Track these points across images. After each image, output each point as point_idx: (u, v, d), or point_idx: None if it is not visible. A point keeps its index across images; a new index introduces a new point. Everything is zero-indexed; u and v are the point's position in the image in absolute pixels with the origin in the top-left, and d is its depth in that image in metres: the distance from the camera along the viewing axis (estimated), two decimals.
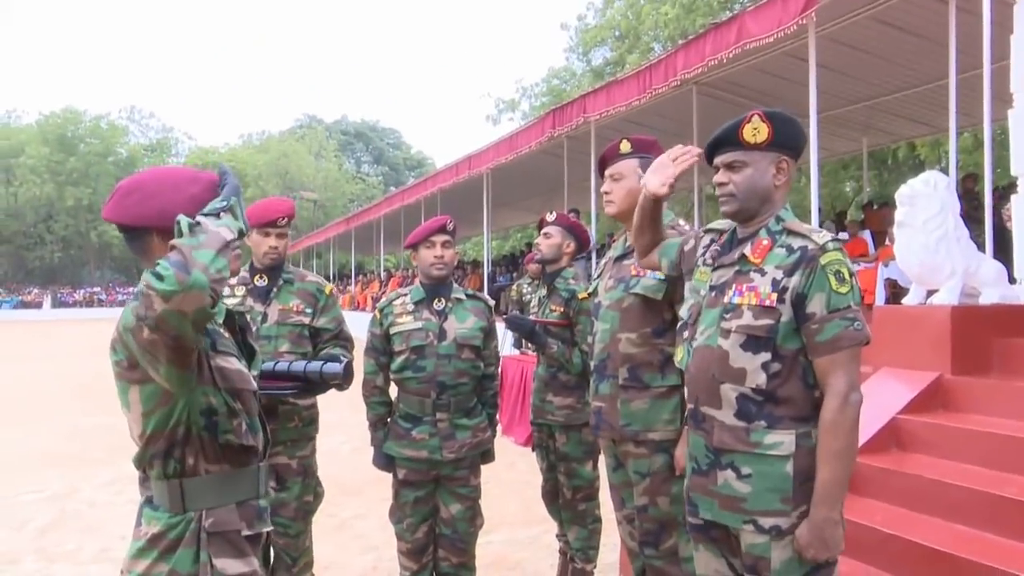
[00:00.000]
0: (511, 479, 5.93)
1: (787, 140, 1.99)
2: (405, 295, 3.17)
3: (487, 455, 3.22)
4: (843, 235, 10.20)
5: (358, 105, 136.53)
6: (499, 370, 3.30)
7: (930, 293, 4.43)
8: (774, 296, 1.89)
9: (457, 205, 17.14)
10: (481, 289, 15.35)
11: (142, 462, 1.59)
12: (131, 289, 54.71)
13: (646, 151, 2.72)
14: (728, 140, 2.01)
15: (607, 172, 2.75)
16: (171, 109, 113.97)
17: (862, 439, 3.85)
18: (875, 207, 10.81)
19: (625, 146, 2.72)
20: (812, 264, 1.87)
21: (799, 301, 1.87)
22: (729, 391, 1.93)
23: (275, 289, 3.17)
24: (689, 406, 2.06)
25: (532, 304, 3.74)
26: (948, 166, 6.42)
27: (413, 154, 69.62)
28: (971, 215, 7.45)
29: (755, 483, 1.89)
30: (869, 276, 8.59)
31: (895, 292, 7.89)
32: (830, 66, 8.46)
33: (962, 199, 7.07)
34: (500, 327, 3.55)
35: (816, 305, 1.85)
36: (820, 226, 8.93)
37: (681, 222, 2.73)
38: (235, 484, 1.60)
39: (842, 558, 3.22)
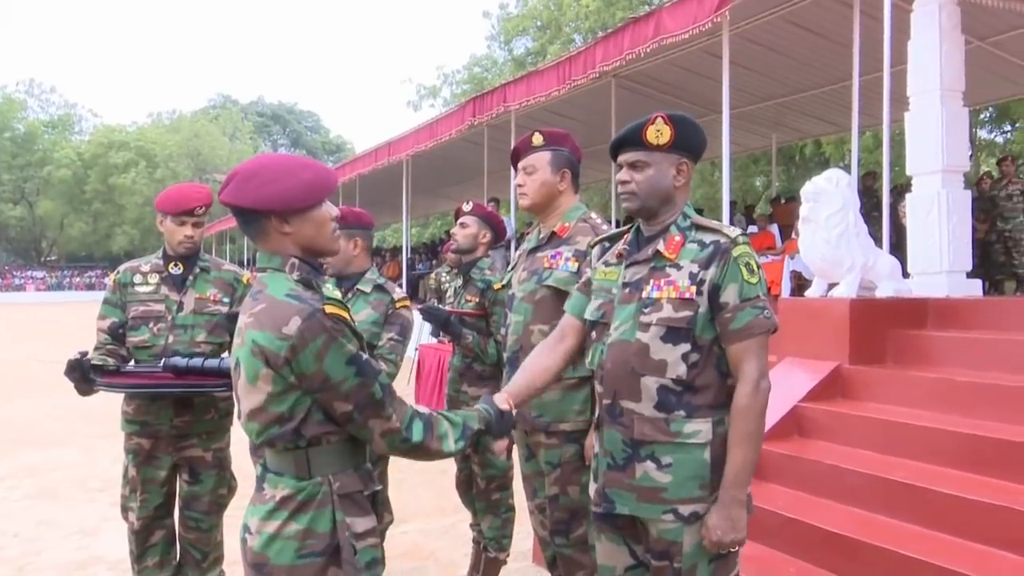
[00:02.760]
0: (425, 468, 5.89)
1: (688, 143, 2.06)
2: None
3: None
4: (752, 228, 10.55)
5: (275, 86, 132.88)
6: (398, 359, 3.15)
7: (831, 286, 4.62)
8: (693, 288, 1.95)
9: (376, 191, 16.92)
10: (400, 276, 15.22)
11: (260, 437, 1.69)
12: (31, 273, 51.30)
13: (558, 144, 2.72)
14: (631, 140, 2.06)
15: (520, 165, 2.75)
16: (74, 84, 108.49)
17: (767, 426, 4.01)
18: (783, 201, 11.22)
19: (537, 139, 2.72)
20: (726, 256, 1.95)
21: (714, 292, 1.94)
22: (650, 383, 1.97)
23: (191, 278, 3.06)
24: (605, 402, 2.07)
25: (448, 294, 3.72)
26: (851, 164, 6.70)
27: (332, 138, 68.34)
28: (870, 212, 7.83)
29: (675, 472, 1.95)
30: (776, 268, 8.91)
31: (800, 284, 8.21)
32: (743, 64, 8.72)
33: (862, 196, 7.41)
34: (417, 316, 3.51)
35: (729, 295, 1.93)
36: (731, 218, 9.22)
37: (593, 215, 2.75)
38: (353, 452, 1.73)
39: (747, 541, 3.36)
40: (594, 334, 2.14)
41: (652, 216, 2.08)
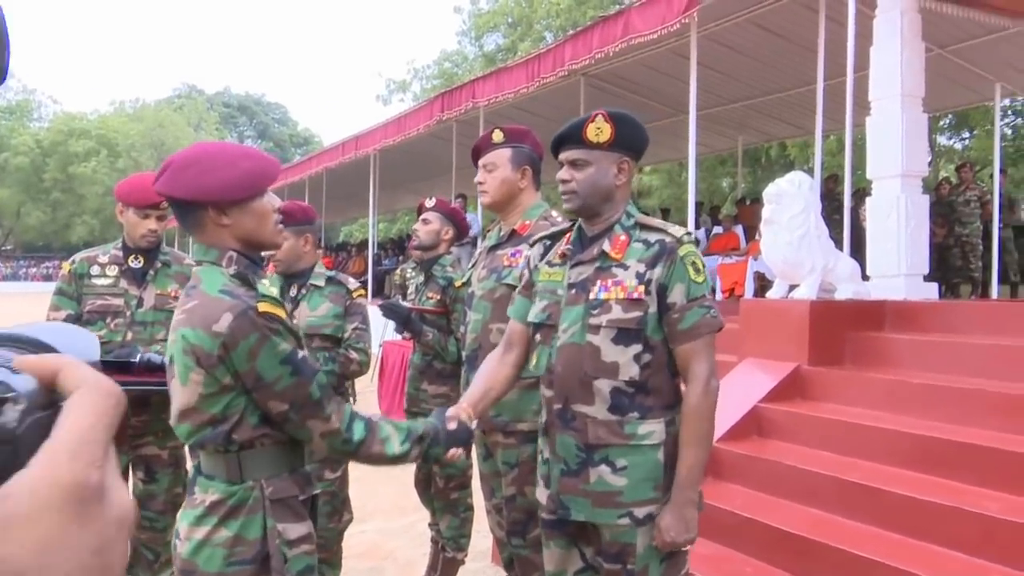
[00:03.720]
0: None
1: (629, 141, 2.03)
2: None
3: None
4: (717, 229, 10.64)
5: (242, 77, 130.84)
6: (367, 347, 3.13)
7: (792, 287, 4.66)
8: (641, 288, 1.93)
9: (343, 185, 16.76)
10: (365, 271, 15.08)
11: (191, 439, 1.64)
12: None
13: (519, 141, 2.69)
14: (572, 138, 2.02)
15: (481, 162, 2.71)
16: (34, 69, 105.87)
17: (726, 426, 4.04)
18: (747, 203, 11.32)
19: (498, 136, 2.68)
20: (672, 256, 1.93)
21: (661, 292, 1.93)
22: (603, 385, 1.94)
23: (152, 272, 2.95)
24: (556, 406, 2.04)
25: (410, 291, 3.68)
26: (815, 166, 6.79)
27: (300, 131, 67.52)
28: (832, 215, 7.93)
29: (630, 475, 1.93)
30: (740, 269, 9.00)
31: (763, 285, 8.29)
32: (710, 65, 8.75)
33: (824, 199, 7.49)
34: (376, 313, 3.47)
35: (677, 295, 1.92)
36: (697, 219, 9.28)
37: (554, 213, 2.72)
38: (288, 455, 1.68)
39: (703, 541, 3.35)
40: (539, 336, 2.10)
41: (594, 215, 2.05)
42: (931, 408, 3.65)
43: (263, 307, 1.56)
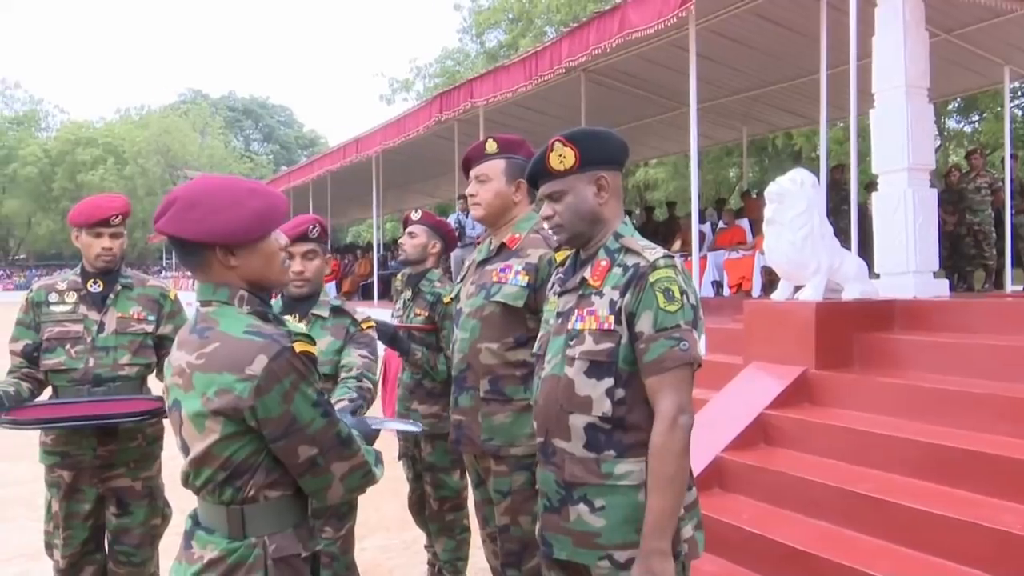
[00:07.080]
0: (390, 477, 5.71)
1: (598, 156, 1.92)
2: None
3: None
4: (721, 224, 10.47)
5: (246, 81, 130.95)
6: (376, 379, 2.96)
7: (797, 288, 4.53)
8: (611, 318, 1.82)
9: (348, 187, 16.67)
10: (371, 274, 14.98)
11: (189, 483, 1.56)
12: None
13: (513, 151, 2.57)
14: (540, 172, 1.95)
15: (473, 173, 2.60)
16: (41, 80, 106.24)
17: (732, 435, 3.92)
18: (753, 195, 11.13)
19: (491, 146, 2.57)
20: (642, 282, 1.81)
21: (630, 320, 1.82)
22: (577, 421, 1.85)
23: (112, 295, 2.88)
24: (538, 440, 1.97)
25: (398, 307, 3.57)
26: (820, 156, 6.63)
27: (305, 132, 67.54)
28: (839, 206, 7.76)
29: (609, 515, 1.82)
30: (747, 264, 8.85)
31: (771, 280, 8.13)
32: (711, 57, 8.59)
33: (831, 189, 7.33)
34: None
35: (644, 324, 1.79)
36: (701, 213, 9.12)
37: (546, 224, 2.60)
38: (291, 508, 1.58)
39: (709, 556, 3.25)
40: (537, 367, 2.03)
41: (587, 241, 1.96)
42: (943, 414, 3.51)
43: (300, 347, 1.48)
